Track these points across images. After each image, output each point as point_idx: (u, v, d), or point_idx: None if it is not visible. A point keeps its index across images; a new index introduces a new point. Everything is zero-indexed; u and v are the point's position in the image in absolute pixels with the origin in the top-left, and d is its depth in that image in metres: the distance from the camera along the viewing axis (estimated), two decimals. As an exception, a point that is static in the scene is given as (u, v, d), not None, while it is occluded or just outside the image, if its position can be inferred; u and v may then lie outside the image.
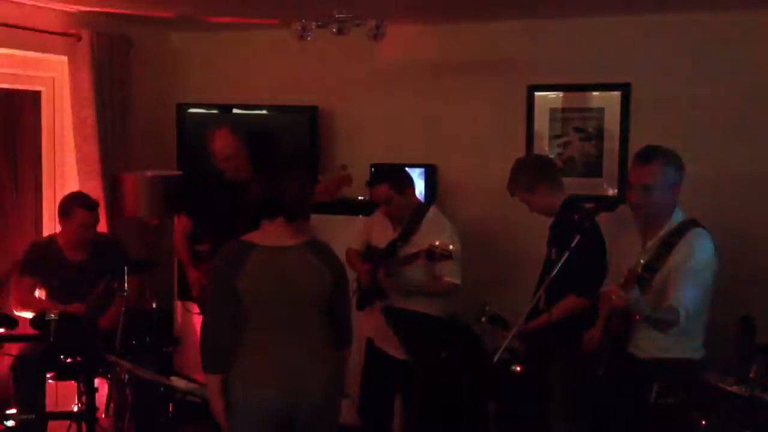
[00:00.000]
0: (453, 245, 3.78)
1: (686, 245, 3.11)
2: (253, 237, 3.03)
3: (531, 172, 3.80)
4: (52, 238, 4.50)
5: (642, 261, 2.98)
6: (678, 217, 3.20)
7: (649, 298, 3.05)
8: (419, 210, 4.05)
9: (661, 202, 3.17)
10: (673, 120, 4.55)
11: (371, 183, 4.07)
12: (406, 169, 4.25)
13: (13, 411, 4.11)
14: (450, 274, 3.91)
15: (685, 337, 3.16)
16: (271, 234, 3.02)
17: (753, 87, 4.47)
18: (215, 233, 4.38)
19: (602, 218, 3.57)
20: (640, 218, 3.26)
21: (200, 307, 4.59)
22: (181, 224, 4.64)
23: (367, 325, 4.15)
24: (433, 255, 3.75)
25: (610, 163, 4.78)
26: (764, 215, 4.44)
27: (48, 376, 4.26)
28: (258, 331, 2.98)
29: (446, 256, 3.73)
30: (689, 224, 3.18)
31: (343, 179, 4.85)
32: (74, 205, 4.35)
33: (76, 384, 4.23)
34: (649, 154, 3.19)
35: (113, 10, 4.86)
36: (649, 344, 3.18)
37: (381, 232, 4.11)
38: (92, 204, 4.42)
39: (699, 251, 3.11)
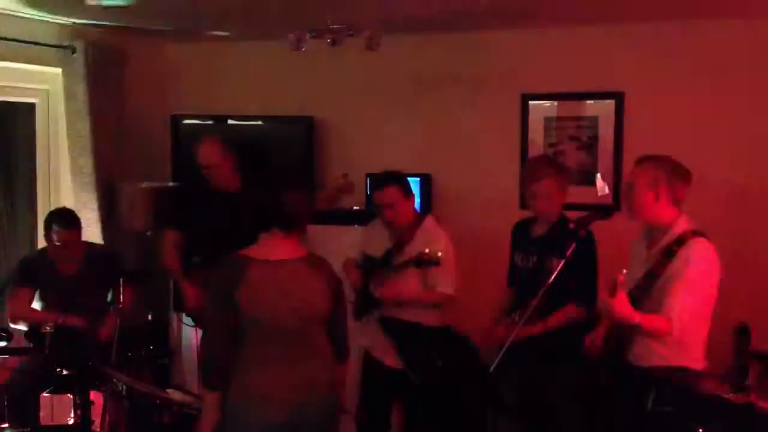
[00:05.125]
0: (446, 254, 3.78)
1: (685, 254, 3.13)
2: (251, 251, 2.98)
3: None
4: (44, 251, 4.47)
5: (640, 271, 2.99)
6: (681, 226, 3.21)
7: (649, 306, 3.07)
8: (416, 219, 4.06)
9: (641, 200, 3.21)
10: (666, 128, 4.55)
11: (381, 184, 4.03)
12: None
13: (5, 425, 4.08)
14: (443, 285, 3.90)
15: (684, 346, 3.16)
16: (269, 248, 2.97)
17: (747, 96, 4.48)
18: (201, 245, 4.39)
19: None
20: (631, 218, 3.29)
21: (195, 319, 4.58)
22: (170, 237, 4.56)
23: (363, 335, 4.14)
24: (421, 262, 3.76)
25: (605, 171, 4.80)
26: (758, 223, 4.45)
27: (44, 392, 4.21)
28: (259, 346, 2.93)
29: (435, 262, 3.73)
30: (691, 234, 3.19)
31: (344, 187, 4.91)
32: (52, 224, 4.30)
33: (71, 397, 4.21)
34: (642, 159, 3.29)
35: (107, 23, 4.87)
36: (649, 353, 3.18)
37: (378, 241, 4.10)
38: (70, 221, 4.34)
39: (697, 260, 3.12)
